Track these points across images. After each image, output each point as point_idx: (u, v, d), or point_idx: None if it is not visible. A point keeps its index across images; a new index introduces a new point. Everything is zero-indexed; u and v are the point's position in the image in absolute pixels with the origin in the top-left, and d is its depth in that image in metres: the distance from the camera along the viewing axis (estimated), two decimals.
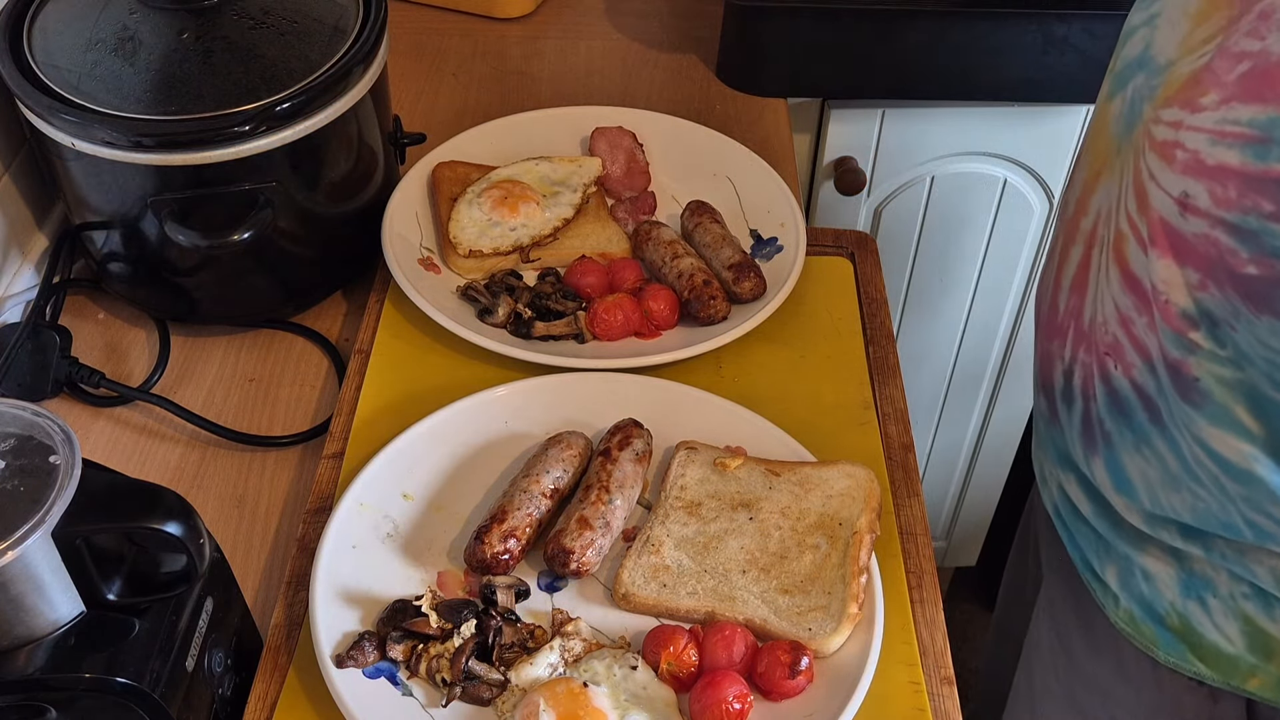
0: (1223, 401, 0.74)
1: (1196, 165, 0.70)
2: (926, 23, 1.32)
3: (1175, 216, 0.72)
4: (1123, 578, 0.91)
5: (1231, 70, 0.68)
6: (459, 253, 1.07)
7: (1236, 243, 0.68)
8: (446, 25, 1.45)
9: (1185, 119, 0.71)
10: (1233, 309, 0.70)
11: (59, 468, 0.65)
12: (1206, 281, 0.71)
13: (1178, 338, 0.75)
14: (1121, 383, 0.82)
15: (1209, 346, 0.73)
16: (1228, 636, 0.85)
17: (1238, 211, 0.68)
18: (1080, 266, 0.86)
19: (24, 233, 1.08)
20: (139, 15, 0.98)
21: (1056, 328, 0.90)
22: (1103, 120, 0.85)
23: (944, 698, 0.81)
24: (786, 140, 1.31)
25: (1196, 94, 0.70)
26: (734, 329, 1.01)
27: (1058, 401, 0.91)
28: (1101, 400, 0.84)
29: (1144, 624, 0.90)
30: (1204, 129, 0.69)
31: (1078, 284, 0.86)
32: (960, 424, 1.85)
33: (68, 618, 0.68)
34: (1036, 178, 1.50)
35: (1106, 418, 0.84)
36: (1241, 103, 0.67)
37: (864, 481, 0.89)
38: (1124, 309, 0.79)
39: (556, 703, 0.75)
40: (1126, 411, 0.82)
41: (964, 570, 2.18)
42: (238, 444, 1.00)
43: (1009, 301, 1.65)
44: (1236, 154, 0.67)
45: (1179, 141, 0.71)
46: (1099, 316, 0.83)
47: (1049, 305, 0.92)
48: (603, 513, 0.86)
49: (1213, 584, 0.85)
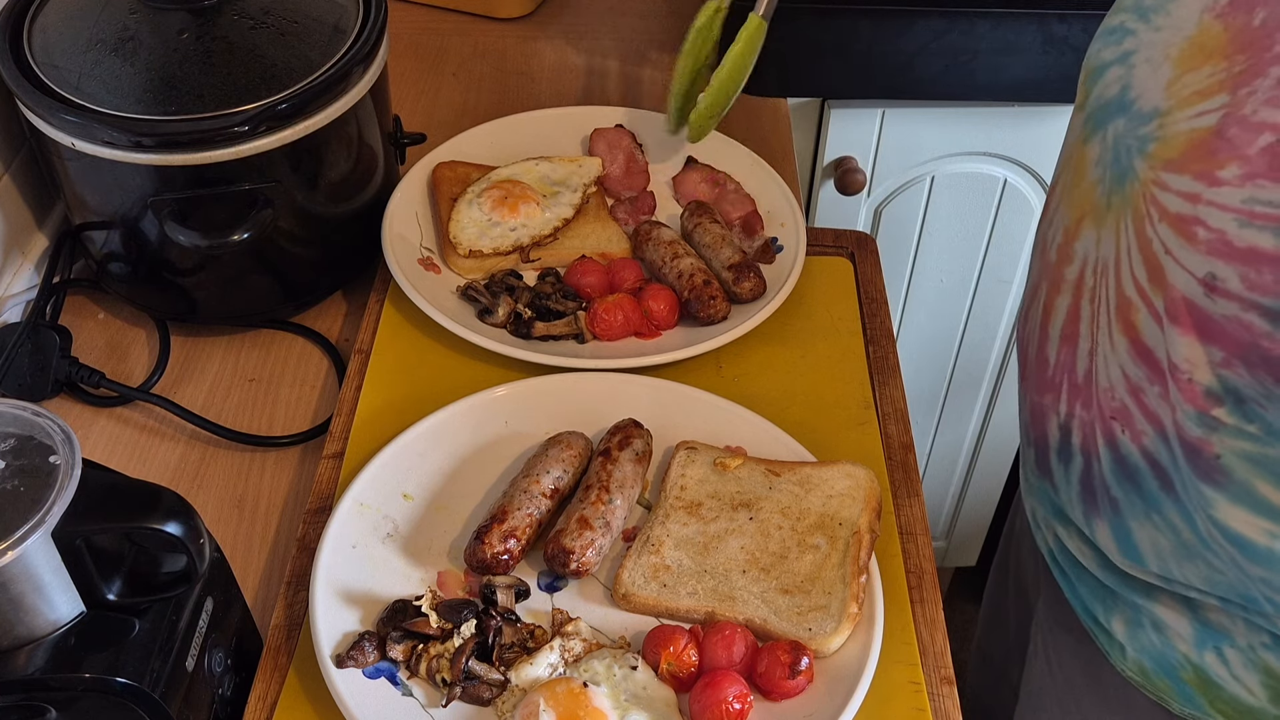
0: (1245, 479, 0.71)
1: (1224, 247, 0.66)
2: (926, 23, 1.32)
3: (1201, 298, 0.68)
4: (1130, 628, 0.87)
5: (1253, 143, 0.64)
6: (459, 253, 1.07)
7: (1272, 326, 0.65)
8: (446, 25, 1.45)
9: (1203, 193, 0.67)
10: (1264, 389, 0.67)
11: (59, 468, 0.65)
12: (1233, 360, 0.68)
13: (1200, 415, 0.71)
14: (1130, 449, 0.78)
15: (1234, 423, 0.70)
16: (1249, 688, 0.81)
17: (1274, 297, 0.64)
18: (1069, 318, 0.82)
19: (24, 233, 1.08)
20: (139, 15, 0.98)
21: (1048, 381, 0.86)
22: (1080, 161, 0.81)
23: (944, 698, 0.81)
24: (786, 140, 1.31)
25: (1212, 165, 0.67)
26: (734, 329, 1.01)
27: (1052, 457, 0.87)
28: (1107, 465, 0.80)
29: (1157, 677, 0.86)
30: (1229, 208, 0.66)
31: (1068, 336, 0.83)
32: (960, 424, 1.85)
33: (68, 618, 0.68)
34: (1036, 178, 1.50)
35: (1113, 483, 0.80)
36: (1271, 181, 0.63)
37: (864, 481, 0.89)
38: (1134, 378, 0.76)
39: (556, 703, 0.75)
40: (1136, 479, 0.78)
41: (964, 570, 2.18)
42: (238, 444, 1.00)
43: (1009, 301, 1.65)
44: (1270, 237, 0.63)
45: (1199, 218, 0.67)
46: (1103, 380, 0.79)
47: (1037, 355, 0.88)
48: (603, 513, 0.86)
49: (1230, 634, 0.81)
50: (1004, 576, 1.17)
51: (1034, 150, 1.48)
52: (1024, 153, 1.48)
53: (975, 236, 1.57)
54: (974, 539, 2.07)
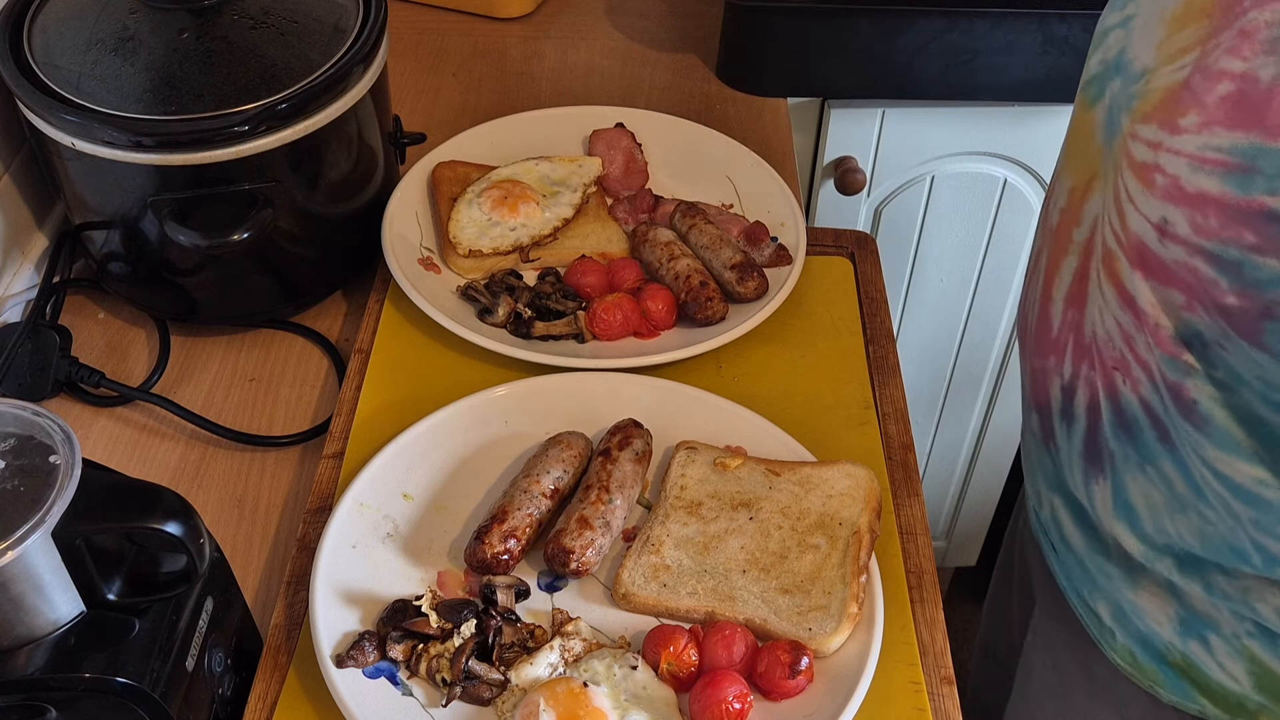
0: (1224, 424, 0.71)
1: (1176, 192, 0.67)
2: (926, 23, 1.32)
3: (1154, 242, 0.70)
4: (1116, 614, 0.88)
5: (1211, 91, 0.65)
6: (459, 253, 1.07)
7: (1217, 273, 0.66)
8: (446, 25, 1.45)
9: (1165, 140, 0.68)
10: (1221, 331, 0.68)
11: (59, 468, 0.65)
12: (1193, 304, 0.69)
13: (1171, 360, 0.72)
14: (1130, 400, 0.78)
15: (1202, 368, 0.71)
16: (1233, 676, 0.82)
17: (1218, 242, 0.65)
18: (1077, 278, 0.82)
19: (24, 233, 1.08)
20: (139, 15, 0.98)
21: (1051, 343, 0.86)
22: (1085, 127, 0.82)
23: (944, 698, 0.81)
24: (786, 140, 1.31)
25: (1176, 114, 0.68)
26: (734, 329, 1.01)
27: (1055, 420, 0.87)
28: (1108, 418, 0.81)
29: (1145, 663, 0.87)
30: (1184, 153, 0.67)
31: (1074, 297, 0.82)
32: (960, 424, 1.85)
33: (68, 618, 0.68)
34: (1036, 178, 1.50)
35: (1111, 437, 0.81)
36: (1224, 128, 0.64)
37: (864, 481, 0.89)
38: (1125, 325, 0.76)
39: (556, 703, 0.75)
40: (1134, 431, 0.79)
41: (964, 570, 2.18)
42: (238, 444, 1.00)
43: (1009, 301, 1.65)
44: (1217, 182, 0.64)
45: (1158, 164, 0.69)
46: (1102, 332, 0.79)
47: (1039, 320, 0.88)
48: (603, 512, 0.86)
49: (1214, 622, 0.81)
50: (1008, 574, 1.17)
51: (1034, 150, 1.48)
52: (1024, 153, 1.48)
53: (975, 236, 1.57)
54: (974, 539, 2.07)
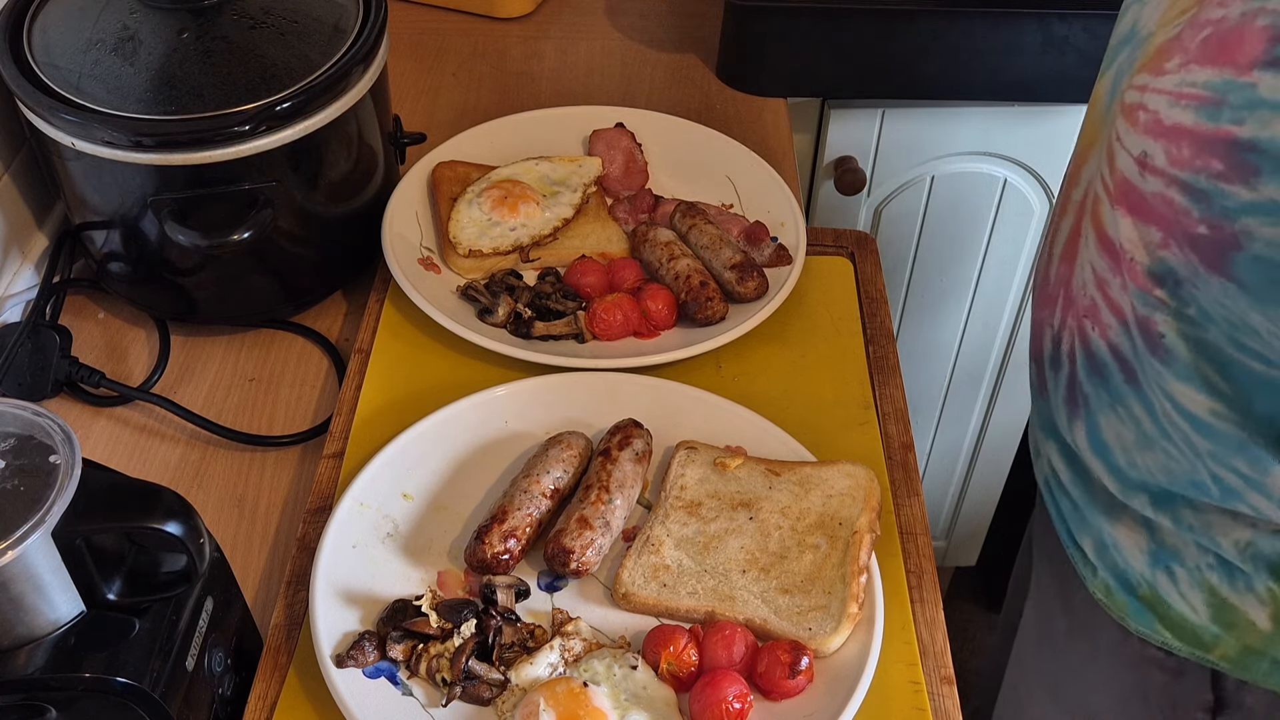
0: (1187, 359, 0.75)
1: (1155, 125, 0.72)
2: (926, 23, 1.32)
3: (1135, 176, 0.74)
4: (1098, 548, 0.92)
5: (1195, 38, 0.70)
6: (459, 253, 1.07)
7: (1189, 202, 0.70)
8: (446, 25, 1.45)
9: (1150, 82, 0.73)
10: (1192, 268, 0.71)
11: (59, 468, 0.65)
12: (1168, 240, 0.72)
13: (1144, 295, 0.76)
14: (1099, 345, 0.83)
15: (1173, 304, 0.74)
16: (1193, 606, 0.86)
17: (1190, 171, 0.69)
18: (1070, 235, 0.87)
19: (24, 233, 1.08)
20: (139, 15, 0.98)
21: (1048, 297, 0.90)
22: (1097, 97, 0.86)
23: (944, 697, 0.81)
24: (786, 140, 1.31)
25: (1163, 60, 0.72)
26: (734, 329, 1.01)
27: (1046, 369, 0.92)
28: (1081, 363, 0.86)
29: (1118, 594, 0.91)
30: (1164, 91, 0.71)
31: (1068, 253, 0.87)
32: (960, 424, 1.85)
33: (68, 618, 0.68)
34: (1036, 178, 1.50)
35: (1085, 380, 0.86)
36: (1199, 65, 0.69)
37: (864, 481, 0.89)
38: (1100, 271, 0.81)
39: (556, 702, 0.75)
40: (1104, 374, 0.83)
41: (964, 570, 2.18)
42: (238, 444, 1.00)
43: (1009, 301, 1.65)
44: (1191, 114, 0.69)
45: (1143, 104, 0.73)
46: (1078, 281, 0.84)
47: (1041, 276, 0.93)
48: (603, 512, 0.86)
49: (1180, 555, 0.85)
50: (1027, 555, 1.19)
51: (1034, 150, 1.48)
52: (1024, 153, 1.48)
53: (975, 236, 1.57)
54: (974, 539, 2.07)
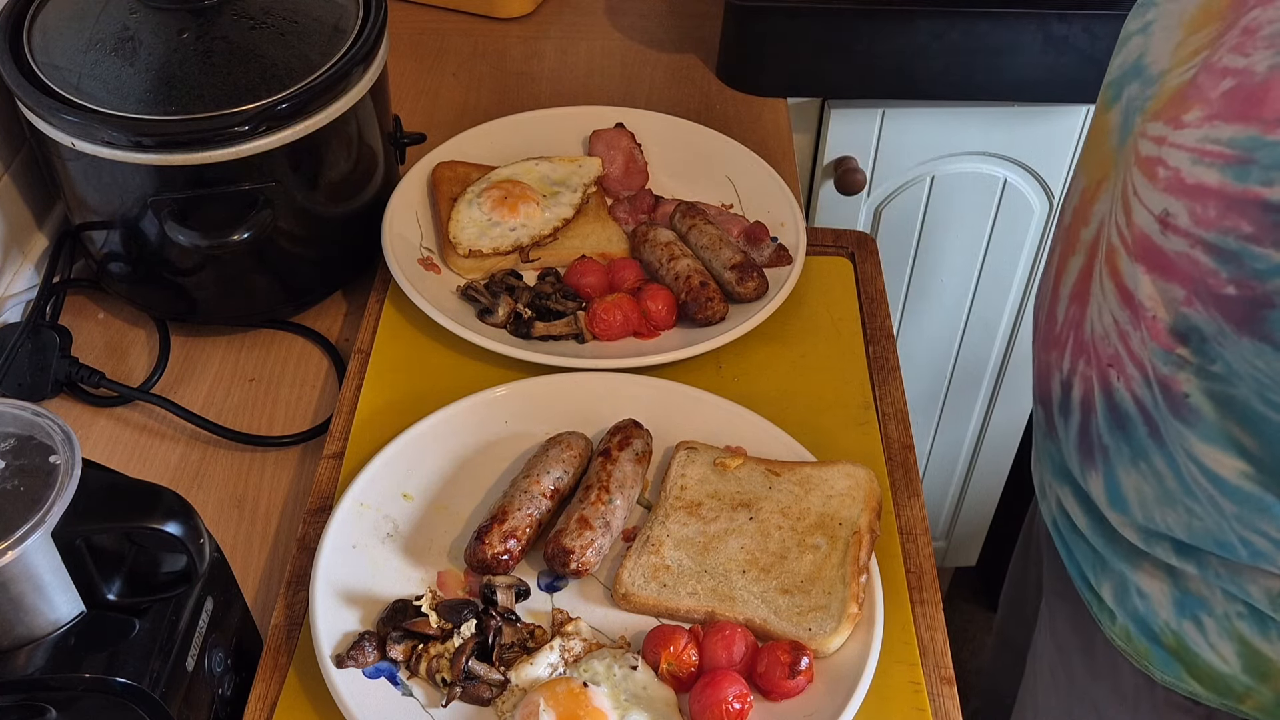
0: (1214, 418, 0.73)
1: (1177, 183, 0.69)
2: (926, 23, 1.32)
3: (1157, 234, 0.71)
4: (1118, 594, 0.89)
5: (1215, 87, 0.67)
6: (459, 253, 1.07)
7: (1216, 263, 0.67)
8: (446, 25, 1.45)
9: (1169, 135, 0.70)
10: (1218, 327, 0.69)
11: (59, 468, 0.65)
12: (1192, 299, 0.70)
13: (1166, 354, 0.73)
14: (1123, 396, 0.80)
15: (1197, 362, 0.72)
16: (1222, 656, 0.83)
17: (1217, 232, 0.67)
18: (1081, 276, 0.84)
19: (24, 233, 1.08)
20: (139, 15, 0.98)
21: (1055, 339, 0.88)
22: (1101, 130, 0.84)
23: (944, 698, 0.81)
24: (786, 140, 1.31)
25: (1181, 110, 0.70)
26: (734, 329, 1.01)
27: (1055, 413, 0.89)
28: (1102, 413, 0.82)
29: (1139, 641, 0.88)
30: (1186, 146, 0.68)
31: (1078, 294, 0.84)
32: (960, 424, 1.85)
33: (68, 618, 0.68)
34: (1036, 178, 1.50)
35: (1105, 432, 0.82)
36: (1224, 121, 0.66)
37: (864, 481, 0.89)
38: (1121, 322, 0.78)
39: (556, 703, 0.75)
40: (1126, 426, 0.80)
41: (964, 570, 2.18)
42: (238, 444, 1.00)
43: (1009, 301, 1.65)
44: (1216, 174, 0.66)
45: (1161, 158, 0.70)
46: (1099, 329, 0.81)
47: (1047, 315, 0.90)
48: (603, 513, 0.86)
49: (1207, 603, 0.83)
50: (1023, 565, 1.19)
51: (1034, 150, 1.48)
52: (1024, 153, 1.48)
53: (975, 236, 1.57)
54: (974, 539, 2.07)
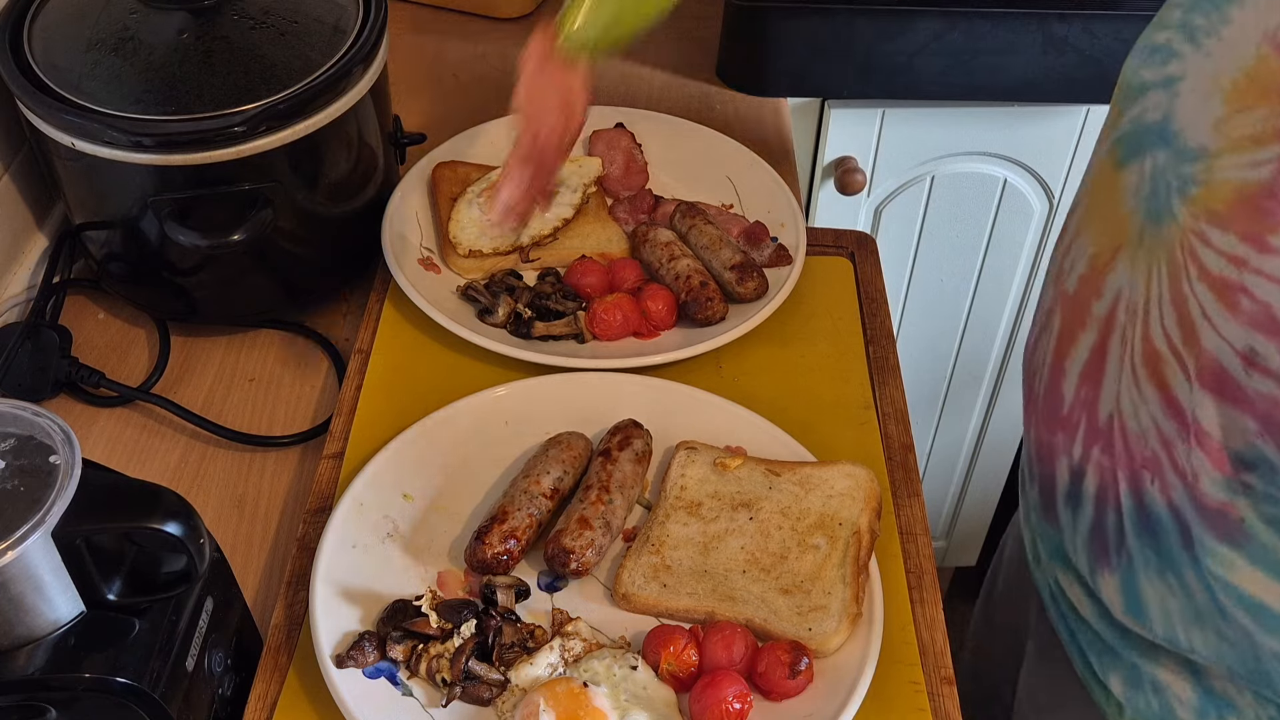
0: (1270, 543, 0.67)
1: (1269, 321, 0.61)
2: (926, 23, 1.32)
3: (1238, 371, 0.64)
4: (1129, 686, 0.81)
5: None
6: (459, 253, 1.07)
7: None
8: (446, 25, 1.45)
9: (1251, 258, 0.62)
10: None
11: (59, 468, 0.65)
12: (1266, 432, 0.64)
13: (1226, 480, 0.67)
14: (1156, 501, 0.72)
15: (1263, 489, 0.66)
16: None
17: None
18: (1094, 354, 0.76)
19: (24, 233, 1.08)
20: (139, 15, 0.98)
21: (1062, 419, 0.80)
22: (1112, 190, 0.75)
23: (944, 698, 0.81)
24: (786, 140, 1.31)
25: (1263, 227, 0.61)
26: (734, 329, 1.01)
27: (1059, 499, 0.82)
28: (1129, 515, 0.75)
29: None
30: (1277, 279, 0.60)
31: (1090, 373, 0.77)
32: (960, 424, 1.85)
33: (68, 618, 0.68)
34: (1036, 178, 1.50)
35: (1131, 535, 0.75)
36: None
37: (864, 481, 0.89)
38: (1166, 431, 0.70)
39: (556, 703, 0.75)
40: (1157, 533, 0.73)
41: (964, 570, 2.18)
42: (238, 444, 1.00)
43: (1009, 301, 1.65)
44: None
45: (1244, 285, 0.62)
46: (1133, 426, 0.73)
47: (1048, 389, 0.82)
48: (603, 513, 0.86)
49: (1235, 704, 0.76)
50: (990, 609, 1.12)
51: (1034, 150, 1.48)
52: (1024, 153, 1.48)
53: (975, 236, 1.57)
54: (974, 539, 2.07)
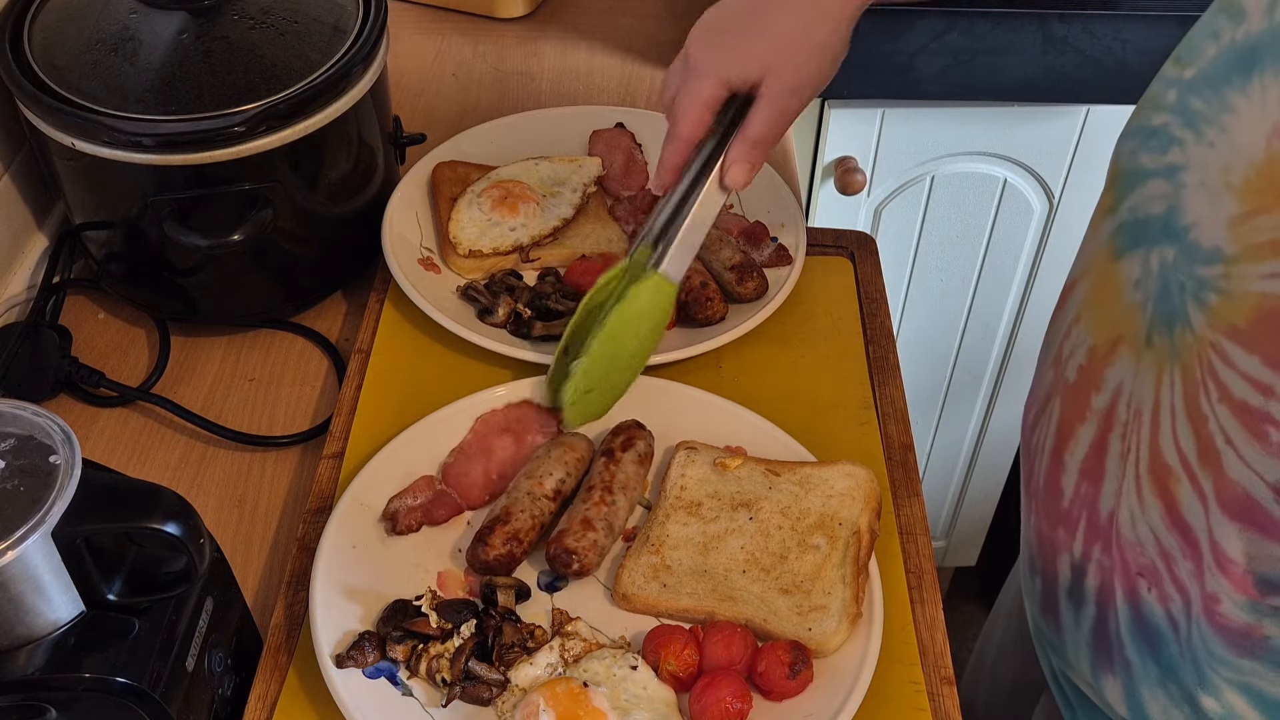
0: None
1: None
2: (926, 23, 1.32)
3: (1269, 502, 0.61)
4: None
5: None
6: (459, 253, 1.07)
7: None
8: (446, 25, 1.45)
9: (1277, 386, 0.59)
10: None
11: (59, 468, 0.65)
12: None
13: (1252, 603, 0.64)
14: (1154, 610, 0.71)
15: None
16: None
17: None
18: (1094, 449, 0.74)
19: (24, 233, 1.08)
20: (139, 15, 0.98)
21: (1062, 514, 0.78)
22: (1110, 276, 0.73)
23: (944, 698, 0.81)
24: (786, 140, 1.31)
25: None
26: (734, 329, 1.01)
27: (1061, 596, 0.80)
28: (1125, 620, 0.73)
29: None
30: None
31: (1090, 470, 0.74)
32: (960, 424, 1.85)
33: (68, 618, 0.68)
34: (1036, 178, 1.51)
35: (1129, 642, 0.73)
36: None
37: (864, 481, 0.89)
38: (1166, 545, 0.69)
39: (556, 703, 0.75)
40: (1156, 644, 0.71)
41: (964, 570, 2.18)
42: (238, 444, 1.00)
43: (1009, 301, 1.65)
44: None
45: (1270, 416, 0.59)
46: (1129, 534, 0.71)
47: (1047, 482, 0.80)
48: (605, 514, 0.86)
49: None
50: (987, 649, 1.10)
51: (1034, 150, 1.48)
52: (1024, 153, 1.48)
53: (975, 236, 1.57)
54: (974, 539, 2.07)
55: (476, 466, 0.91)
